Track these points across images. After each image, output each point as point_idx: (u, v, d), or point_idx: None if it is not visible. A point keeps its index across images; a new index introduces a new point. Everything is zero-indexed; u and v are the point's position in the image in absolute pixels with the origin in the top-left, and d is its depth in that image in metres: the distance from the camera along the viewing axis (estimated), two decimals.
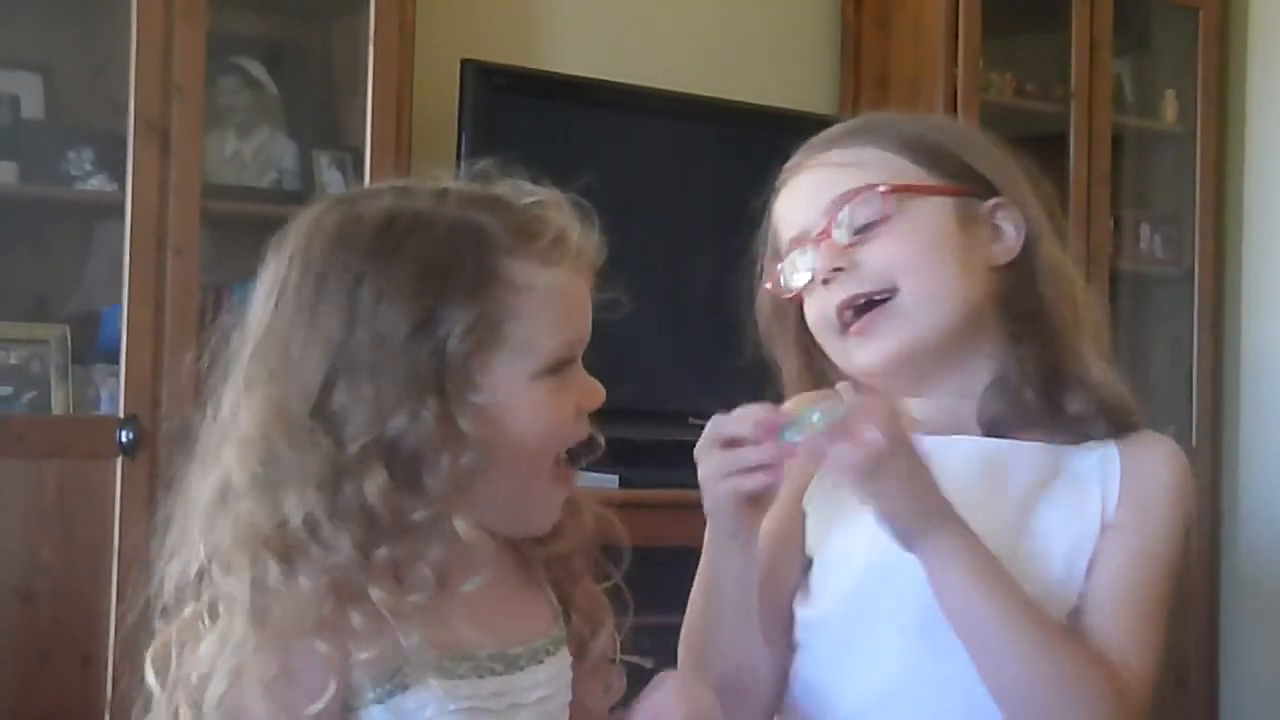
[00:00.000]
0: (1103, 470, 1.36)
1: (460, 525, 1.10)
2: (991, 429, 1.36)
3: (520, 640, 1.17)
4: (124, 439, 2.71)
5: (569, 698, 1.22)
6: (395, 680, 1.10)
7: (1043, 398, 1.35)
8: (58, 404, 2.82)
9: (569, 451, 1.18)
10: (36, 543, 2.67)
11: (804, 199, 1.38)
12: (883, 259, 1.34)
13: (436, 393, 1.10)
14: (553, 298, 1.15)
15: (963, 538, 1.25)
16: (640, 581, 1.29)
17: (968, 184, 1.36)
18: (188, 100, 2.83)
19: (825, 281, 1.35)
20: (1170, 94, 4.25)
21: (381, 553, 1.08)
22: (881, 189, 1.33)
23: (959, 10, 3.73)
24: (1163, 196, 4.34)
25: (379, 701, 1.10)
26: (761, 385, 1.44)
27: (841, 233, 1.34)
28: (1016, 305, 1.37)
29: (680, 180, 3.41)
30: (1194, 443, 4.19)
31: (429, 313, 1.10)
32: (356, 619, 1.07)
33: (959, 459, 1.32)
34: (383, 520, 1.08)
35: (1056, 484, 1.35)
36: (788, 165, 1.41)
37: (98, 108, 2.97)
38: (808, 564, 1.39)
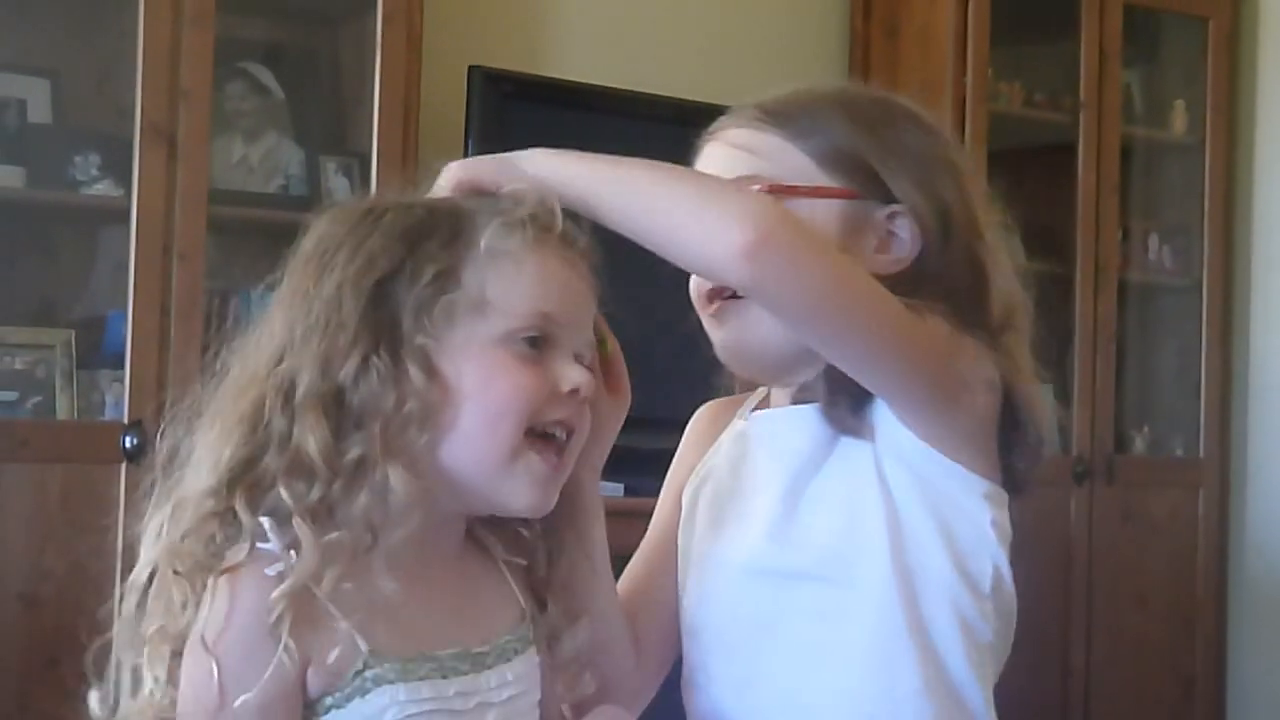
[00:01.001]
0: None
1: (394, 475, 1.12)
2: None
3: (485, 638, 1.18)
4: (128, 444, 2.71)
5: (538, 696, 1.22)
6: (355, 685, 1.11)
7: (830, 383, 1.31)
8: (62, 409, 2.82)
9: (553, 433, 1.18)
10: (41, 548, 2.66)
11: (706, 169, 1.37)
12: None
13: (390, 341, 1.14)
14: (524, 268, 1.17)
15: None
16: None
17: (867, 188, 1.32)
18: (194, 106, 2.83)
19: None
20: (1180, 104, 4.25)
21: (313, 495, 1.11)
22: (763, 187, 1.30)
23: (968, 19, 3.73)
24: (1171, 207, 4.33)
25: (338, 707, 1.11)
26: (767, 394, 1.43)
27: None
28: None
29: None
30: (1201, 453, 4.18)
31: (399, 264, 1.16)
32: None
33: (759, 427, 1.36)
34: (318, 468, 1.12)
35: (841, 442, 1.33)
36: (711, 126, 1.39)
37: (105, 113, 2.97)
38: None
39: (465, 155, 3.08)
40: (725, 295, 1.33)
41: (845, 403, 1.29)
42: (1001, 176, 3.74)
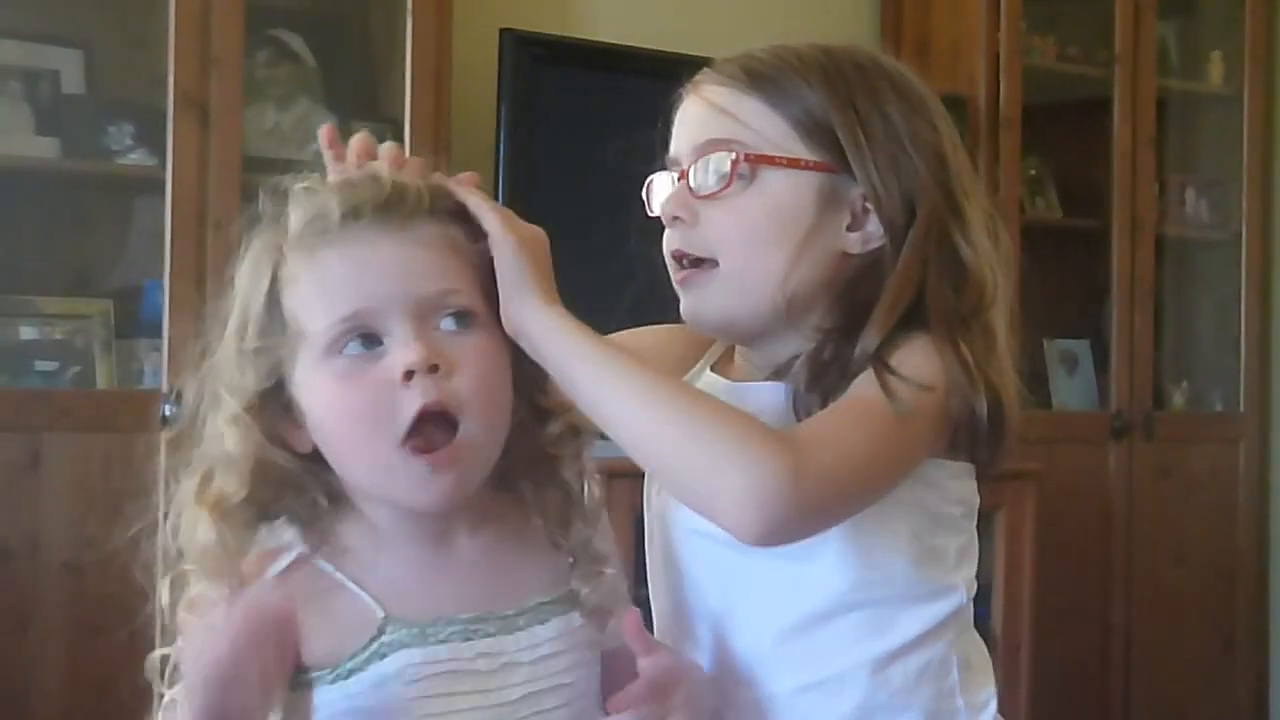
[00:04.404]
0: None
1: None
2: None
3: (515, 601, 1.18)
4: (167, 413, 2.73)
5: (586, 655, 1.21)
6: (373, 649, 1.12)
7: (809, 380, 1.27)
8: (101, 378, 2.84)
9: (421, 424, 1.13)
10: (83, 517, 2.68)
11: (684, 126, 1.34)
12: (715, 228, 1.30)
13: (261, 395, 1.16)
14: (312, 283, 1.14)
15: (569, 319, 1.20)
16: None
17: (843, 163, 1.29)
18: (226, 74, 2.83)
19: (673, 220, 1.33)
20: (1216, 56, 4.20)
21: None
22: (737, 156, 1.28)
23: None
24: (1209, 160, 4.30)
25: (358, 670, 1.12)
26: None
27: (698, 180, 1.30)
28: (853, 294, 1.29)
29: None
30: (1242, 407, 4.16)
31: (244, 316, 1.17)
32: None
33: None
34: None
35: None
36: (697, 75, 1.36)
37: (137, 83, 2.98)
38: None
39: (497, 118, 3.09)
40: (693, 263, 1.31)
41: (820, 395, 1.25)
42: (1036, 132, 3.78)
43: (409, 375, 1.11)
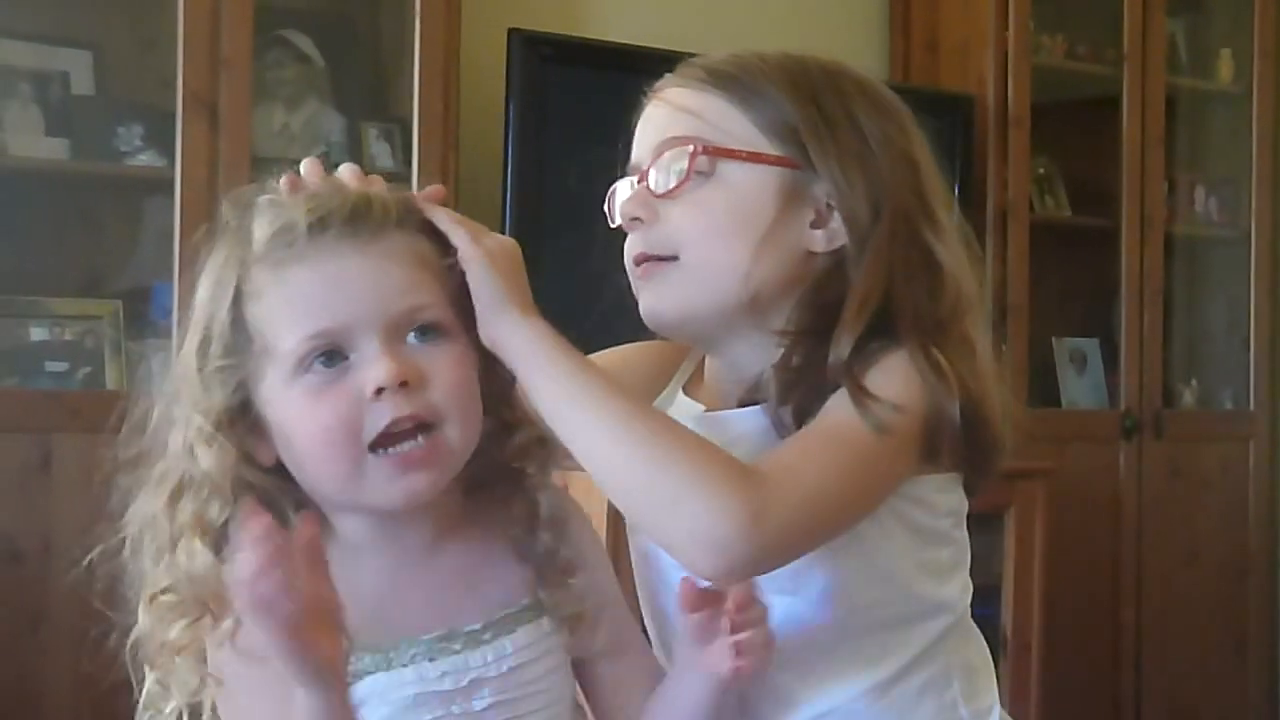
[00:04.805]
0: None
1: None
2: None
3: (480, 615, 1.17)
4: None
5: (559, 659, 1.20)
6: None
7: (780, 390, 1.24)
8: (111, 379, 2.84)
9: (389, 435, 1.12)
10: (93, 517, 2.68)
11: (644, 130, 1.33)
12: (674, 224, 1.28)
13: (229, 411, 1.14)
14: (279, 299, 1.13)
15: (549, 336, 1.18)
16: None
17: (807, 160, 1.27)
18: (236, 74, 2.83)
19: (633, 221, 1.31)
20: (1226, 53, 4.20)
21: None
22: (695, 149, 1.26)
23: None
24: (1218, 158, 4.29)
25: None
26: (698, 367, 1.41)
27: (658, 179, 1.29)
28: (820, 294, 1.27)
29: None
30: (1252, 405, 4.15)
31: (208, 332, 1.15)
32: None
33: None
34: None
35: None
36: (658, 82, 1.36)
37: (147, 83, 2.98)
38: None
39: (506, 118, 3.09)
40: (655, 257, 1.29)
41: (794, 409, 1.23)
42: (1045, 130, 3.77)
43: (379, 392, 1.11)
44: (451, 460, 1.15)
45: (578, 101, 3.13)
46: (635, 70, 1.43)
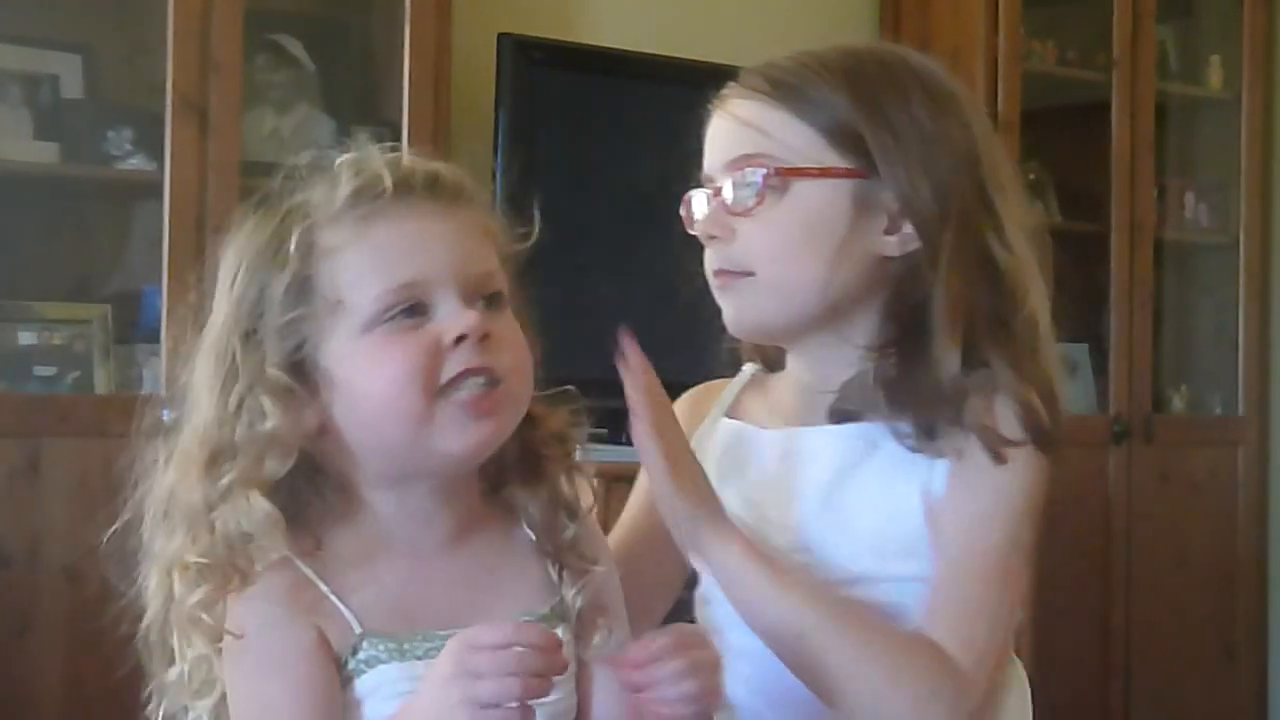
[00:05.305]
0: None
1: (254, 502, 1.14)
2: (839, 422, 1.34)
3: (498, 616, 1.17)
4: (167, 417, 2.72)
5: (569, 670, 1.19)
6: (354, 665, 1.12)
7: (893, 406, 1.30)
8: (100, 384, 2.84)
9: (461, 387, 1.15)
10: (83, 522, 2.68)
11: (714, 143, 1.36)
12: (749, 242, 1.32)
13: (278, 365, 1.15)
14: (363, 252, 1.15)
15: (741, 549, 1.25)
16: None
17: (873, 168, 1.30)
18: (226, 78, 2.83)
19: (710, 239, 1.35)
20: (1215, 60, 4.20)
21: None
22: (769, 170, 1.29)
23: None
24: (1208, 164, 4.30)
25: (344, 684, 1.12)
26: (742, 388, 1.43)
27: (731, 197, 1.32)
28: (901, 300, 1.31)
29: None
30: (1240, 411, 4.16)
31: (261, 291, 1.17)
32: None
33: (766, 448, 1.36)
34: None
35: (868, 464, 1.31)
36: (723, 89, 1.37)
37: (136, 87, 2.98)
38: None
39: (496, 123, 3.09)
40: (733, 272, 1.33)
41: (914, 424, 1.29)
42: (1035, 136, 3.77)
43: (460, 339, 1.14)
44: (514, 414, 1.18)
45: (568, 106, 3.14)
46: (625, 75, 1.44)
